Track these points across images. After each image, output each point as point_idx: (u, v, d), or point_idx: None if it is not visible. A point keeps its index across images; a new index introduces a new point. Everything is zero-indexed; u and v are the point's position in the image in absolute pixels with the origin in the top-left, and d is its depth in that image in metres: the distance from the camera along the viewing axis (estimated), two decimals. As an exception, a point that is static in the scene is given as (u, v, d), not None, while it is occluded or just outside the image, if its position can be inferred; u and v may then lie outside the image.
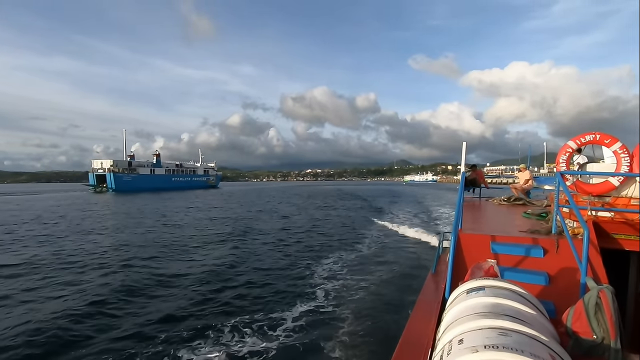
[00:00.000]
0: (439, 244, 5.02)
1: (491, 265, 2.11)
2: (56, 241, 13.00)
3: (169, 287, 7.67)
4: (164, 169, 70.95)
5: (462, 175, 4.62)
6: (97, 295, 7.00)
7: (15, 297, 7.04)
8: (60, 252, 11.08)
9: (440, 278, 3.59)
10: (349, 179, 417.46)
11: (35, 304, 6.72)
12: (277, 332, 5.40)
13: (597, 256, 3.00)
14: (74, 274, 8.61)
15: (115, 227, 16.99)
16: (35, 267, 9.31)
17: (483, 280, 1.79)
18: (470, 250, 3.33)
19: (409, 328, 2.42)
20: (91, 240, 13.36)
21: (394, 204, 31.17)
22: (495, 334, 1.24)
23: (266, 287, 7.64)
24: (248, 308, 6.45)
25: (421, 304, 2.87)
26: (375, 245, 12.30)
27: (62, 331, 5.50)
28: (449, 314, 1.61)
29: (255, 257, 10.59)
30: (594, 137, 4.30)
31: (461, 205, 3.60)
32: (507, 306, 1.48)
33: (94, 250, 11.42)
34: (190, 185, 76.12)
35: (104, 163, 59.95)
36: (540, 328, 1.36)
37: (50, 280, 8.11)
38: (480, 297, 1.58)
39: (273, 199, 40.34)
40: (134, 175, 62.54)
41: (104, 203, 34.21)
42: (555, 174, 3.78)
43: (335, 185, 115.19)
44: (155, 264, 9.65)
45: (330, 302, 6.64)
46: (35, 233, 14.97)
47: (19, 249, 11.61)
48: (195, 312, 6.27)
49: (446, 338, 1.38)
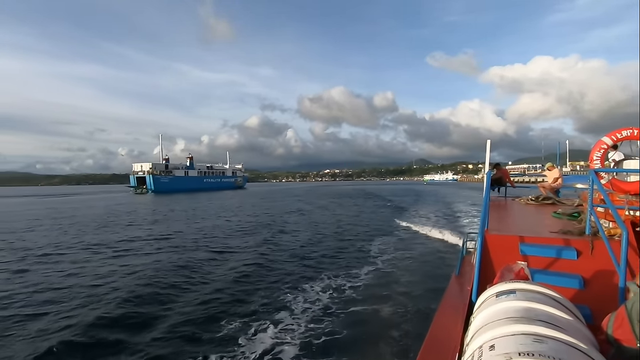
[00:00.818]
0: (463, 244, 4.88)
1: (522, 268, 2.02)
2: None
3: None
4: (196, 170, 75.51)
5: (487, 174, 4.46)
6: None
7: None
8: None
9: (465, 280, 3.48)
10: (367, 179, 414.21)
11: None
12: (295, 332, 5.39)
13: (636, 258, 2.83)
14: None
15: (189, 219, 20.80)
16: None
17: (514, 283, 1.70)
18: (498, 251, 3.20)
19: (434, 331, 2.36)
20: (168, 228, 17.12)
21: (417, 203, 31.05)
22: (530, 340, 1.17)
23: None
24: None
25: (446, 306, 2.79)
26: (398, 244, 12.22)
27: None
28: (478, 318, 1.55)
29: (325, 245, 12.32)
30: (631, 132, 4.06)
31: (487, 205, 3.48)
32: (541, 311, 1.40)
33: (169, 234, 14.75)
34: (219, 186, 79.93)
35: (143, 166, 65.00)
36: (577, 335, 1.28)
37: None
38: (511, 301, 1.51)
39: (307, 198, 42.56)
40: (170, 177, 66.99)
41: (155, 203, 37.02)
42: (589, 172, 3.59)
43: (356, 185, 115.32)
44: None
45: (347, 299, 6.59)
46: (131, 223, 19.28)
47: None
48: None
49: (476, 343, 1.32)
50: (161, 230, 16.02)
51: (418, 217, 20.24)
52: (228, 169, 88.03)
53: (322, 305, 6.44)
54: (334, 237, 14.02)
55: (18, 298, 7.00)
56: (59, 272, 8.93)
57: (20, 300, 6.87)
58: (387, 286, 7.54)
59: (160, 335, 5.32)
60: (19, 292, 7.33)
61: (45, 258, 10.52)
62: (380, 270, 8.86)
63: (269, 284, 7.79)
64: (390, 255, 10.46)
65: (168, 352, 4.83)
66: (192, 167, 75.06)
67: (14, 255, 11.02)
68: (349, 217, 21.45)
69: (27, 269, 9.23)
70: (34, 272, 8.98)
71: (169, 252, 11.15)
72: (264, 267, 9.25)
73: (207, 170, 79.17)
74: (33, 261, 10.16)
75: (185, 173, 71.83)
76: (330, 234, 14.67)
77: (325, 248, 11.69)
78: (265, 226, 16.97)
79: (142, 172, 64.11)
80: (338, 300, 6.74)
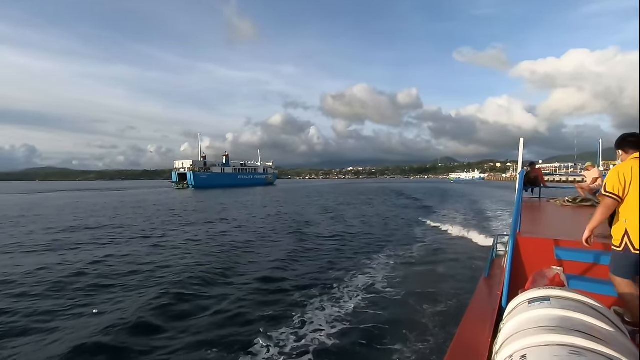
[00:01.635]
0: (493, 246, 4.70)
1: (557, 273, 1.91)
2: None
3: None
4: (231, 167, 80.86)
5: (520, 173, 4.26)
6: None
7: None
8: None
9: (494, 283, 3.35)
10: (391, 176, 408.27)
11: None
12: (310, 334, 5.25)
13: None
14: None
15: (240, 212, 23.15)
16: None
17: (548, 289, 1.61)
18: (530, 255, 3.06)
19: (460, 336, 2.28)
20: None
21: (445, 202, 30.71)
22: (566, 352, 1.10)
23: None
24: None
25: (474, 311, 2.69)
26: (427, 242, 12.13)
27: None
28: (508, 326, 1.47)
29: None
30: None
31: (520, 206, 3.32)
32: (579, 321, 1.31)
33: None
34: (252, 183, 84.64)
35: (184, 163, 70.65)
36: (619, 348, 1.18)
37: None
38: (545, 309, 1.42)
39: (338, 194, 44.34)
40: (209, 173, 72.04)
41: (202, 197, 39.95)
42: None
43: (381, 183, 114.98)
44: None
45: (373, 298, 6.50)
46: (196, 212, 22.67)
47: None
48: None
49: (505, 352, 1.26)
50: (235, 218, 19.20)
51: (448, 216, 19.87)
52: (260, 166, 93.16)
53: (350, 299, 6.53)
54: (366, 231, 14.76)
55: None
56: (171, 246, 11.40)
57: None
58: (414, 283, 7.41)
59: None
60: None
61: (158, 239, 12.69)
62: (408, 266, 8.75)
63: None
64: (420, 251, 10.32)
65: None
66: (228, 164, 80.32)
67: (145, 240, 12.67)
68: (382, 212, 22.60)
69: (157, 248, 11.09)
70: (162, 248, 11.05)
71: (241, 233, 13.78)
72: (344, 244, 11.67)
73: (241, 168, 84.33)
74: (153, 243, 11.93)
75: (221, 170, 76.55)
76: (360, 229, 15.45)
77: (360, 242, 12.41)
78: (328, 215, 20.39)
79: (183, 168, 69.44)
80: (365, 296, 6.72)
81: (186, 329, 5.30)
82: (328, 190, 56.24)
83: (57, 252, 10.52)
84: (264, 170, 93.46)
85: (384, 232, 14.80)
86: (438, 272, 8.31)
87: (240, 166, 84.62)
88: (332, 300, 6.44)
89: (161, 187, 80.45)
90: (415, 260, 9.52)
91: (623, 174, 2.47)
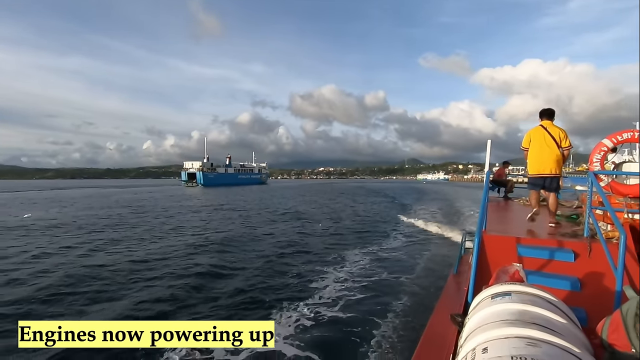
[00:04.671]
0: (462, 243, 4.88)
1: (517, 269, 2.01)
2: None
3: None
4: (233, 168, 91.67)
5: (486, 174, 4.45)
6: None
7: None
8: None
9: (462, 279, 3.48)
10: (361, 177, 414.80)
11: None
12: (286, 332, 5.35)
13: (634, 262, 2.82)
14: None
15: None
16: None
17: (509, 285, 1.69)
18: (495, 252, 3.20)
19: (429, 330, 2.36)
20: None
21: (423, 201, 32.40)
22: (523, 344, 1.16)
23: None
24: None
25: (442, 306, 2.79)
26: (401, 239, 12.57)
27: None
28: (472, 320, 1.54)
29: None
30: (632, 135, 4.04)
31: (486, 206, 3.47)
32: (536, 314, 1.39)
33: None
34: (250, 182, 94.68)
35: (194, 164, 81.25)
36: (572, 339, 1.27)
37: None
38: (506, 303, 1.50)
39: (323, 192, 47.55)
40: (215, 173, 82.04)
41: (214, 194, 42.67)
42: (588, 174, 3.58)
43: (355, 183, 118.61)
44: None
45: (344, 295, 6.59)
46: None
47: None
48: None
49: (469, 345, 1.32)
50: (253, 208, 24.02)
51: (428, 213, 20.90)
52: (255, 167, 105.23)
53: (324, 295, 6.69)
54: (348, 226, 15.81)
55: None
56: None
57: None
58: (388, 279, 7.58)
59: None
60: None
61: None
62: (382, 263, 8.94)
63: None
64: (396, 250, 10.59)
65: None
66: (230, 165, 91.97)
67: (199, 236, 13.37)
68: (367, 210, 23.72)
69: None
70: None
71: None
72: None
73: (240, 168, 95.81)
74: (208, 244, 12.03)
75: (225, 170, 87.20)
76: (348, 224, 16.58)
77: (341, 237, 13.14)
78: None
79: (193, 168, 79.75)
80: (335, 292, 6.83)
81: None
82: (313, 190, 57.98)
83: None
84: (259, 171, 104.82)
85: (368, 227, 15.62)
86: (414, 268, 8.55)
87: (240, 167, 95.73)
88: (306, 291, 6.78)
89: (172, 184, 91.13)
90: (390, 256, 9.78)
91: (530, 135, 4.31)
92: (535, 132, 4.24)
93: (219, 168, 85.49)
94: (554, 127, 4.17)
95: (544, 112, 4.31)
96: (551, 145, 4.10)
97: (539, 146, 4.19)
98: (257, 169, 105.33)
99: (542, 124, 4.26)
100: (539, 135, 4.18)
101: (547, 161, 4.14)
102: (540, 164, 4.20)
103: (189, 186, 73.81)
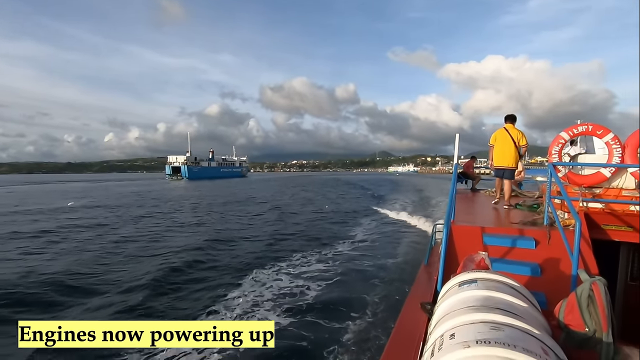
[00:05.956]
0: (432, 235, 5.02)
1: (482, 257, 2.09)
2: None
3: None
4: (216, 162, 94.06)
5: (454, 166, 4.59)
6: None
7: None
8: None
9: (433, 270, 3.58)
10: (333, 170, 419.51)
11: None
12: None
13: (588, 247, 3.01)
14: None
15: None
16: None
17: (475, 272, 1.76)
18: (463, 242, 3.31)
19: (401, 321, 2.40)
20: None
21: (395, 192, 33.94)
22: (487, 328, 1.21)
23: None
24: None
25: (414, 296, 2.85)
26: (373, 231, 12.86)
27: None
28: (441, 308, 1.58)
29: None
30: (587, 128, 4.29)
31: (454, 197, 3.58)
32: (500, 299, 1.45)
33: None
34: (231, 175, 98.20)
35: (178, 158, 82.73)
36: (532, 321, 1.33)
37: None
38: (472, 290, 1.55)
39: (305, 185, 49.49)
40: (199, 167, 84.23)
41: (202, 188, 43.23)
42: (547, 165, 3.78)
43: (330, 175, 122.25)
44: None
45: (319, 289, 6.65)
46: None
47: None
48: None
49: (437, 332, 1.35)
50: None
51: (402, 204, 21.68)
52: (237, 161, 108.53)
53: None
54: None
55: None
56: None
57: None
58: (362, 272, 7.71)
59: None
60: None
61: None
62: (355, 256, 9.07)
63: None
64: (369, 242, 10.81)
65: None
66: (213, 159, 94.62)
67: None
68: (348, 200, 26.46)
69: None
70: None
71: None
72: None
73: (222, 162, 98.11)
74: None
75: (208, 164, 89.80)
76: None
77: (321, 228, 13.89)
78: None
79: (177, 162, 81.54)
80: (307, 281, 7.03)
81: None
82: (292, 182, 59.61)
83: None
84: (240, 164, 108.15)
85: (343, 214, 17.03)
86: (383, 261, 8.74)
87: (222, 161, 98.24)
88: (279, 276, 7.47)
89: (157, 178, 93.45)
90: (367, 248, 9.97)
91: (495, 135, 5.40)
92: (500, 133, 5.36)
93: (202, 162, 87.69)
94: (514, 130, 5.26)
95: (508, 117, 5.38)
96: (510, 145, 5.20)
97: (501, 144, 5.30)
98: (238, 162, 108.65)
99: (505, 126, 5.33)
100: (502, 136, 5.30)
101: (507, 156, 5.24)
102: (501, 159, 5.31)
103: (174, 179, 75.20)
